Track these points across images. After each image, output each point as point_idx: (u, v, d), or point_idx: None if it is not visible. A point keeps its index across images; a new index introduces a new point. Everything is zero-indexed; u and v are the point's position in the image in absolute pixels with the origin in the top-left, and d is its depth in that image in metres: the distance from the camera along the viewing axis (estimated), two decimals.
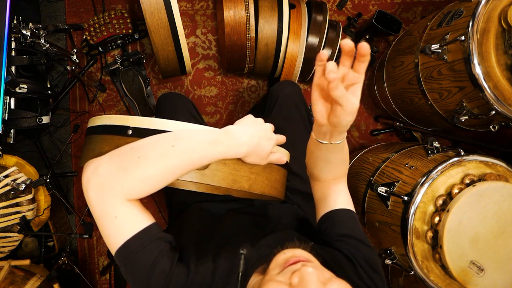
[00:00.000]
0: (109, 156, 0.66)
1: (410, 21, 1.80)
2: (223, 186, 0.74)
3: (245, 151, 0.70)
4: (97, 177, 0.63)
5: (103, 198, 0.62)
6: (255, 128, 0.74)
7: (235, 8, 1.34)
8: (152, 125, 0.73)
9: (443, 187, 1.10)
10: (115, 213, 0.62)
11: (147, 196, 0.67)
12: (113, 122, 0.77)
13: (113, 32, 1.51)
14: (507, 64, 1.04)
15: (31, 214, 1.24)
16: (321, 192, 0.88)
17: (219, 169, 0.74)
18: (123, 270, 0.63)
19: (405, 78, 1.39)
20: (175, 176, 0.66)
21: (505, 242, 1.04)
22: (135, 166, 0.63)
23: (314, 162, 0.84)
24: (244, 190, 0.76)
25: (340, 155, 0.80)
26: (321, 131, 0.72)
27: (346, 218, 0.82)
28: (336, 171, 0.85)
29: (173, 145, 0.65)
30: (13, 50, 1.17)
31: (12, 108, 1.19)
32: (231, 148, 0.69)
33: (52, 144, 1.62)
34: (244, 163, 0.77)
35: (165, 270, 0.62)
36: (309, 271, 0.55)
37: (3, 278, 1.15)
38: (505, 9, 1.01)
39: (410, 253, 1.11)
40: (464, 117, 1.18)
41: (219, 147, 0.68)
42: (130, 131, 0.74)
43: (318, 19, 1.46)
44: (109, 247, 0.64)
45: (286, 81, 1.27)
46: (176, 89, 1.70)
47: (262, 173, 0.80)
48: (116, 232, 0.63)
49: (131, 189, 0.63)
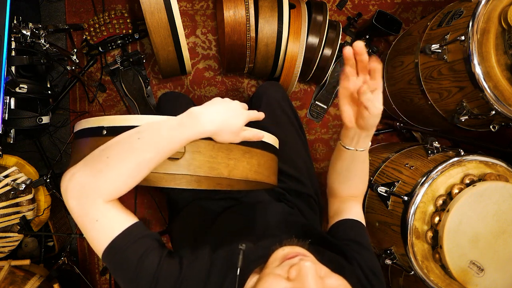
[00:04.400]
0: (83, 161, 0.66)
1: (410, 21, 1.80)
2: (200, 174, 0.72)
3: (212, 128, 0.69)
4: (73, 184, 0.63)
5: (83, 204, 0.63)
6: (221, 105, 0.73)
7: (235, 8, 1.34)
8: (125, 122, 0.73)
9: (443, 187, 1.10)
10: (96, 217, 0.63)
11: (146, 196, 0.67)
12: (89, 124, 0.78)
13: (113, 32, 1.51)
14: (507, 64, 1.04)
15: (31, 214, 1.24)
16: (337, 206, 0.91)
17: (195, 157, 0.72)
18: (112, 270, 0.64)
19: (405, 78, 1.39)
20: (149, 167, 0.66)
21: (505, 242, 1.04)
22: (106, 166, 0.63)
23: (336, 173, 0.89)
24: (224, 176, 0.75)
25: (361, 168, 0.86)
26: (349, 135, 0.78)
27: (356, 227, 0.84)
28: (354, 187, 0.89)
29: (139, 138, 0.65)
30: (13, 50, 1.17)
31: (12, 108, 1.19)
32: (196, 127, 0.67)
33: (52, 144, 1.62)
34: (220, 150, 0.75)
35: (153, 267, 0.62)
36: (307, 264, 0.56)
37: (3, 278, 1.15)
38: (505, 9, 1.01)
39: (410, 253, 1.11)
40: (464, 117, 1.18)
41: (184, 129, 0.67)
42: (104, 131, 0.74)
43: (318, 19, 1.46)
44: (96, 251, 0.64)
45: (270, 82, 1.26)
46: (176, 89, 1.70)
47: (242, 158, 0.77)
48: (100, 235, 0.63)
49: (108, 190, 0.63)
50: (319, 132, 1.77)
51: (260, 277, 0.61)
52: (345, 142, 0.81)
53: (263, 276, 0.60)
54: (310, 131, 1.76)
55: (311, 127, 1.76)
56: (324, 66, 1.53)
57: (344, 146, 0.81)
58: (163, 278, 0.62)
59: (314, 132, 1.76)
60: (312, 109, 1.74)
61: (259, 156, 0.82)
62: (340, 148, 0.83)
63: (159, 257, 0.63)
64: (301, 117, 1.68)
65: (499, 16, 1.03)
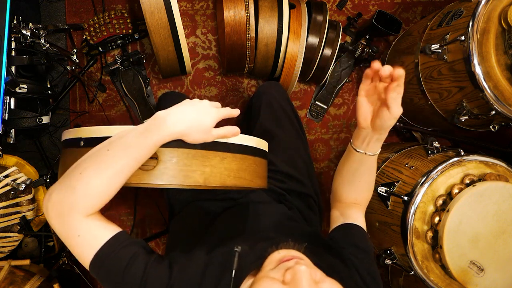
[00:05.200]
0: (59, 180, 0.67)
1: (410, 21, 1.80)
2: (173, 183, 0.71)
3: (180, 129, 0.67)
4: (52, 204, 0.64)
5: (63, 222, 0.63)
6: (188, 105, 0.71)
7: (235, 8, 1.34)
8: (99, 133, 0.72)
9: (443, 187, 1.10)
10: (77, 232, 0.63)
11: (148, 197, 0.67)
12: (70, 135, 0.78)
13: (113, 32, 1.51)
14: (507, 64, 1.04)
15: (31, 214, 1.24)
16: (339, 211, 0.91)
17: (168, 167, 0.71)
18: (100, 281, 0.64)
19: (405, 78, 1.38)
20: (123, 177, 0.66)
21: (505, 242, 1.04)
22: (79, 182, 0.63)
23: (342, 177, 0.89)
24: (199, 184, 0.73)
25: (367, 174, 0.86)
26: (360, 135, 0.78)
27: (356, 232, 0.84)
28: (357, 193, 0.89)
29: (108, 149, 0.65)
30: (13, 50, 1.17)
31: (12, 108, 1.19)
32: (163, 130, 0.66)
33: (52, 144, 1.62)
34: (195, 157, 0.73)
35: (139, 273, 0.62)
36: (302, 269, 0.56)
37: (3, 278, 1.15)
38: (505, 9, 1.01)
39: (410, 253, 1.11)
40: (464, 117, 1.18)
41: (151, 134, 0.66)
42: (82, 142, 0.74)
43: (318, 19, 1.46)
44: (84, 266, 0.64)
45: (270, 82, 1.26)
46: (176, 89, 1.70)
47: (219, 164, 0.75)
48: (84, 249, 0.63)
49: (84, 205, 0.63)
50: (319, 132, 1.77)
51: (255, 280, 0.61)
52: (356, 144, 0.81)
53: (258, 279, 0.60)
54: (310, 131, 1.76)
55: (311, 127, 1.76)
56: (324, 66, 1.53)
57: (355, 149, 0.81)
58: (151, 283, 0.62)
59: (314, 132, 1.76)
60: (312, 109, 1.74)
61: (239, 161, 0.79)
62: (350, 150, 0.83)
63: (145, 262, 0.63)
64: (301, 117, 1.68)
65: (499, 16, 1.03)
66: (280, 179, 1.08)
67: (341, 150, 1.78)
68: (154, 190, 1.61)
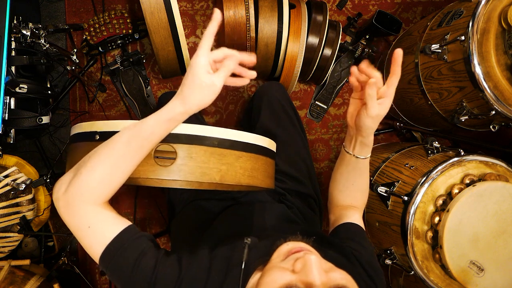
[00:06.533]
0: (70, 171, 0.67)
1: (410, 21, 1.80)
2: (191, 180, 0.73)
3: (177, 96, 0.72)
4: (61, 194, 0.64)
5: (73, 212, 0.63)
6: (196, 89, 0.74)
7: (235, 8, 1.34)
8: (116, 127, 0.73)
9: (443, 187, 1.10)
10: (87, 223, 0.63)
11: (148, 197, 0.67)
12: (83, 129, 0.79)
13: (113, 32, 1.51)
14: (507, 64, 1.04)
15: (31, 214, 1.24)
16: (337, 214, 0.91)
17: (185, 163, 0.72)
18: (109, 275, 0.64)
19: (405, 78, 1.39)
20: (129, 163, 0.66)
21: (505, 242, 1.04)
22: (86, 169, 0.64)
23: (336, 181, 0.90)
24: (216, 182, 0.75)
25: (359, 178, 0.86)
26: (349, 135, 0.80)
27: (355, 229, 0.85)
28: (352, 197, 0.90)
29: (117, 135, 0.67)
30: (13, 50, 1.17)
31: (12, 108, 1.19)
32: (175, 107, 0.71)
33: (52, 144, 1.62)
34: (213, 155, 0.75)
35: (149, 268, 0.62)
36: (312, 257, 0.57)
37: (3, 278, 1.15)
38: (505, 9, 1.01)
39: (410, 253, 1.11)
40: (464, 117, 1.18)
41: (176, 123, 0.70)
42: (97, 136, 0.75)
43: (318, 19, 1.46)
44: (93, 258, 0.64)
45: (271, 82, 1.27)
46: (176, 89, 1.70)
47: (235, 163, 0.77)
48: (94, 241, 0.63)
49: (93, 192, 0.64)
50: (319, 132, 1.77)
51: (265, 271, 0.61)
52: (346, 145, 0.82)
53: (267, 269, 0.60)
54: (310, 131, 1.76)
55: (311, 127, 1.76)
56: (324, 66, 1.53)
57: (345, 150, 0.83)
58: (161, 278, 0.62)
59: (314, 132, 1.76)
60: (312, 109, 1.74)
61: (253, 160, 0.81)
62: (342, 151, 0.85)
63: (156, 257, 0.63)
64: (301, 117, 1.68)
65: (499, 16, 1.03)
66: (280, 179, 1.09)
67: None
68: (154, 190, 1.61)
